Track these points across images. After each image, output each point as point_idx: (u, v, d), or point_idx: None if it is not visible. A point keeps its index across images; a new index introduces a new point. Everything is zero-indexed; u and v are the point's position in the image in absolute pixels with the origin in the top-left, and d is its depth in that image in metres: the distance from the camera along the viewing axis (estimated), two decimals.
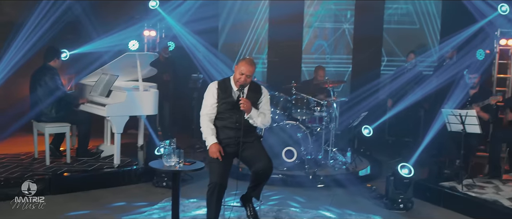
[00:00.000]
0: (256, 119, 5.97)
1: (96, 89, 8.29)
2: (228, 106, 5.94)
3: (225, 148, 5.94)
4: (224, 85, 6.03)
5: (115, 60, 8.17)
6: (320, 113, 8.76)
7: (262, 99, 6.13)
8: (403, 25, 11.48)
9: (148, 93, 8.14)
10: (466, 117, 7.40)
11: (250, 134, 6.07)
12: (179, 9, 10.99)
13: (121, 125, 7.89)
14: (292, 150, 8.34)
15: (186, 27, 10.92)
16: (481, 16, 10.33)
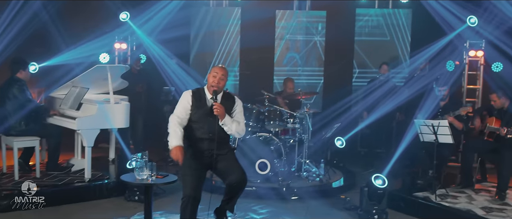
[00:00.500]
0: (231, 125, 5.93)
1: (66, 102, 8.15)
2: (202, 115, 5.90)
3: (199, 160, 5.88)
4: (198, 94, 6.01)
5: (85, 72, 8.06)
6: (293, 124, 8.74)
7: (236, 109, 6.11)
8: (374, 37, 11.53)
9: (119, 106, 8.03)
10: (438, 127, 7.45)
11: (223, 145, 6.03)
12: (150, 22, 10.92)
13: (91, 138, 7.75)
14: (265, 162, 8.29)
15: (157, 38, 10.84)
16: (450, 28, 10.48)
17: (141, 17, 10.92)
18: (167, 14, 11.01)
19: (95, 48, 10.22)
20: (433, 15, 10.62)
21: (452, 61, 10.41)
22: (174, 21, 11.06)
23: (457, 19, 10.44)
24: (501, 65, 10.36)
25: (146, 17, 10.94)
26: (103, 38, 10.41)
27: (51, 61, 9.63)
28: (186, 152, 5.92)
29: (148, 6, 10.97)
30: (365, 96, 10.27)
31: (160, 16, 10.96)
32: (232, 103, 6.12)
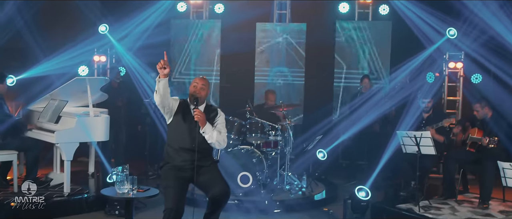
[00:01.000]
0: (212, 133, 5.85)
1: (45, 115, 8.02)
2: (184, 125, 5.83)
3: (180, 172, 5.80)
4: (184, 103, 5.96)
5: (64, 85, 7.94)
6: (274, 136, 8.69)
7: (218, 120, 6.05)
8: (354, 49, 11.53)
9: (99, 119, 7.91)
10: (421, 138, 7.44)
11: (206, 157, 5.95)
12: (130, 35, 10.83)
13: (71, 151, 7.61)
14: (247, 175, 8.21)
15: (136, 52, 10.76)
16: (429, 42, 10.54)
17: (121, 30, 10.83)
18: (146, 27, 10.96)
19: (74, 60, 10.08)
20: (412, 28, 10.69)
21: (432, 73, 10.48)
22: (154, 34, 11.02)
23: (436, 32, 10.52)
24: (480, 77, 10.45)
25: (126, 30, 10.86)
26: (82, 50, 10.27)
27: (29, 73, 9.48)
28: (167, 164, 5.85)
29: (129, 19, 10.88)
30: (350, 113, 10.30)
31: (140, 30, 10.89)
32: (214, 115, 6.06)
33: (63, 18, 10.97)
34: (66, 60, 9.98)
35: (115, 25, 10.80)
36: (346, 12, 11.54)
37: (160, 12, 11.24)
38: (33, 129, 7.98)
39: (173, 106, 5.84)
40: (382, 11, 11.40)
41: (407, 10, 10.86)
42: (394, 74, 10.82)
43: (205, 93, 5.95)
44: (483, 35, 10.02)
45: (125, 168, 5.85)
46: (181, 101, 5.96)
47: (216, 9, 11.84)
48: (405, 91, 10.15)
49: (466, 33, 10.28)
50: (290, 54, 11.62)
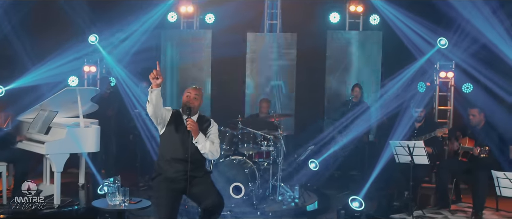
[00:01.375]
0: (204, 143, 5.78)
1: (34, 126, 7.91)
2: (177, 136, 5.76)
3: (173, 184, 5.72)
4: (177, 114, 5.89)
5: (54, 95, 7.84)
6: (267, 147, 8.63)
7: (211, 130, 5.98)
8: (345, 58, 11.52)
9: (90, 130, 7.82)
10: (414, 148, 7.42)
11: (199, 168, 5.87)
12: (120, 47, 10.74)
13: (61, 163, 7.51)
14: (239, 186, 8.13)
15: (127, 63, 10.69)
16: (419, 53, 10.55)
17: (111, 41, 10.75)
18: (137, 39, 10.88)
19: (63, 68, 9.98)
20: (403, 39, 10.71)
21: (423, 82, 10.48)
22: (145, 45, 10.96)
23: (427, 43, 10.54)
24: (471, 86, 10.47)
25: (116, 41, 10.78)
26: (72, 57, 10.17)
27: (18, 83, 9.35)
28: (159, 175, 5.78)
29: (119, 29, 10.81)
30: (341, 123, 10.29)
31: (130, 42, 10.82)
32: (207, 126, 6.00)
33: (52, 23, 10.82)
34: (56, 68, 9.85)
35: (105, 33, 10.72)
36: (336, 22, 11.56)
37: (150, 22, 11.18)
38: (23, 140, 7.88)
39: (166, 117, 5.77)
40: (372, 21, 11.41)
41: (397, 20, 10.88)
42: (387, 86, 10.79)
43: (198, 103, 5.89)
44: (474, 45, 10.06)
45: (117, 179, 5.79)
46: (173, 111, 5.90)
47: (206, 19, 11.81)
48: (397, 100, 10.16)
49: (457, 43, 10.31)
50: (280, 65, 11.59)
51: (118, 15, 10.81)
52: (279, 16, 11.76)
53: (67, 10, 10.68)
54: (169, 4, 11.47)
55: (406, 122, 8.47)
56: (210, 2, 11.82)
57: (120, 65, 10.61)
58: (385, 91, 10.62)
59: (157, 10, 11.27)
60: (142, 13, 11.05)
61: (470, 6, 9.85)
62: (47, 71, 9.73)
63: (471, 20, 9.91)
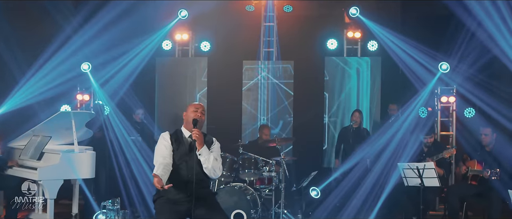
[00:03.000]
0: (208, 156, 5.51)
1: (26, 152, 7.57)
2: (181, 156, 5.50)
3: (176, 206, 5.40)
4: (175, 136, 5.65)
5: (47, 119, 7.52)
6: (269, 172, 8.32)
7: (214, 148, 5.75)
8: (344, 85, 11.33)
9: (84, 155, 7.50)
10: (423, 170, 7.15)
11: (203, 188, 5.57)
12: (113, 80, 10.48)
13: (54, 189, 7.16)
14: (241, 213, 7.79)
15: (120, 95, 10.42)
16: (417, 79, 10.36)
17: (105, 72, 10.45)
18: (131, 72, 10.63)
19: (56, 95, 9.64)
20: (400, 65, 10.54)
21: (425, 107, 10.27)
22: (139, 74, 10.71)
23: (426, 69, 10.35)
24: (473, 111, 10.25)
25: (109, 73, 10.48)
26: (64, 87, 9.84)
27: (7, 105, 8.96)
28: (162, 197, 5.45)
29: (112, 59, 10.54)
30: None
31: (124, 75, 10.56)
32: (210, 143, 5.75)
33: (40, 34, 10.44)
34: (48, 83, 9.49)
35: (97, 62, 10.43)
36: (334, 48, 11.39)
37: (145, 52, 10.93)
38: (14, 166, 7.52)
39: (170, 150, 5.54)
40: (370, 47, 11.25)
41: (395, 46, 10.72)
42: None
43: (204, 118, 5.71)
44: (475, 65, 9.88)
45: (116, 202, 5.43)
46: (172, 134, 5.67)
47: (202, 46, 11.61)
48: (396, 126, 9.92)
49: (456, 68, 10.14)
50: (277, 92, 11.37)
51: (112, 43, 10.54)
52: (276, 44, 11.57)
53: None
54: (164, 32, 11.25)
55: (411, 145, 8.22)
56: (205, 29, 11.66)
57: (112, 102, 10.24)
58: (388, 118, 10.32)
59: (152, 38, 11.05)
60: (137, 41, 10.81)
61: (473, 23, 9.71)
62: (39, 88, 9.36)
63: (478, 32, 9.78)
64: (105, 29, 10.11)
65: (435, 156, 7.82)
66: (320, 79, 11.39)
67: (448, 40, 10.24)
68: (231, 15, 11.52)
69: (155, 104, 11.42)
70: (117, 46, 10.50)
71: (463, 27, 9.85)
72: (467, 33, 9.88)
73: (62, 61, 9.70)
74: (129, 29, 10.47)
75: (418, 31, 10.67)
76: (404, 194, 7.82)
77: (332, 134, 11.09)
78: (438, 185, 7.26)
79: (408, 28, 10.85)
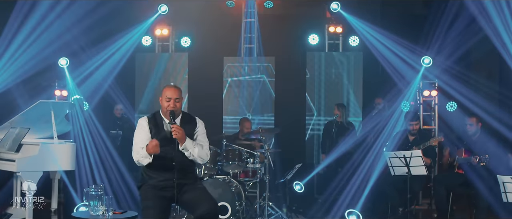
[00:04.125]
0: (193, 150, 5.32)
1: (4, 144, 7.32)
2: (162, 143, 5.23)
3: (161, 192, 5.23)
4: (154, 120, 5.40)
5: (26, 110, 7.28)
6: (253, 164, 8.17)
7: (198, 130, 5.52)
8: (326, 81, 11.24)
9: (65, 146, 7.29)
10: (410, 158, 7.08)
11: (188, 174, 5.40)
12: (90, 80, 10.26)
13: (34, 181, 6.89)
14: (226, 206, 7.64)
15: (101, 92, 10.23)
16: (399, 77, 10.32)
17: (82, 69, 10.22)
18: (111, 69, 10.44)
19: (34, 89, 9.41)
20: (381, 61, 10.50)
21: (407, 101, 10.23)
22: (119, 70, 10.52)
23: (406, 64, 10.33)
24: (455, 105, 10.25)
25: (87, 70, 10.26)
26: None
27: None
28: (146, 183, 5.28)
29: (90, 56, 10.34)
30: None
31: (103, 73, 10.36)
32: (193, 126, 5.52)
33: None
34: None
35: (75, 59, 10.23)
36: (316, 43, 11.30)
37: (125, 48, 10.74)
38: None
39: (149, 136, 5.34)
40: (352, 42, 11.20)
41: (376, 41, 10.69)
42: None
43: (180, 105, 5.43)
44: (453, 58, 9.90)
45: (99, 187, 5.25)
46: (150, 118, 5.43)
47: (182, 42, 11.47)
48: (378, 117, 9.88)
49: (436, 62, 10.14)
50: (258, 88, 11.26)
51: (90, 39, 10.36)
52: (257, 40, 11.45)
53: None
54: (144, 28, 11.08)
55: (399, 134, 8.17)
56: (185, 25, 11.52)
57: (91, 98, 10.03)
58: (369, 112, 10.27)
59: (132, 34, 10.87)
60: (116, 37, 10.61)
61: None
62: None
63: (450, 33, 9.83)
64: (84, 24, 9.92)
65: (421, 144, 7.76)
66: (302, 75, 11.29)
67: (427, 33, 10.26)
68: (212, 11, 11.38)
69: (134, 101, 11.20)
70: (96, 42, 10.32)
71: (441, 19, 9.92)
72: (444, 24, 9.94)
73: (37, 53, 9.48)
74: (108, 24, 10.34)
75: (398, 26, 10.64)
76: (389, 185, 7.73)
77: (315, 128, 10.99)
78: (425, 174, 7.21)
79: (388, 22, 10.81)
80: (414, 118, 8.15)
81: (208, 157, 5.51)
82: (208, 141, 5.59)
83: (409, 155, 7.12)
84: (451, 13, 9.88)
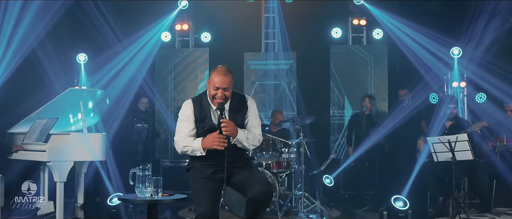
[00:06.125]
0: (245, 142, 4.95)
1: (31, 135, 7.03)
2: (208, 129, 4.90)
3: (212, 174, 4.91)
4: (200, 104, 4.98)
5: (54, 99, 7.00)
6: (288, 154, 7.88)
7: (249, 113, 5.09)
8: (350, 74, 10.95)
9: (96, 136, 7.03)
10: (456, 142, 6.80)
11: (239, 156, 5.04)
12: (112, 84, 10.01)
13: (65, 172, 6.63)
14: None
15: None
16: (424, 66, 10.07)
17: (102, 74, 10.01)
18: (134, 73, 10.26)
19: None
20: (407, 54, 10.25)
21: (435, 93, 9.99)
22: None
23: (436, 58, 10.08)
24: (484, 96, 9.97)
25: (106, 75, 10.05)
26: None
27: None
28: (195, 165, 4.97)
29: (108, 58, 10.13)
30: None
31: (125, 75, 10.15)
32: (244, 110, 5.07)
33: None
34: None
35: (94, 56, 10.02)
36: (339, 37, 11.05)
37: (148, 46, 10.61)
38: (20, 151, 6.98)
39: (193, 122, 4.97)
40: (376, 35, 10.94)
41: (401, 33, 10.46)
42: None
43: (230, 93, 4.94)
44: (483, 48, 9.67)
45: (147, 168, 4.93)
46: (194, 103, 5.00)
47: (202, 38, 11.22)
48: (406, 109, 9.60)
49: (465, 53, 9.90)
50: (281, 83, 11.00)
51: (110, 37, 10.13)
52: (278, 35, 11.18)
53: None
54: (166, 24, 10.88)
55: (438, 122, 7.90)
56: (205, 20, 11.29)
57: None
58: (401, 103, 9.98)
59: (153, 31, 10.72)
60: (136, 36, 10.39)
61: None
62: None
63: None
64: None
65: (463, 130, 7.47)
66: (325, 69, 11.02)
67: (454, 24, 10.03)
68: (232, 6, 11.17)
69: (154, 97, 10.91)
70: (117, 40, 10.12)
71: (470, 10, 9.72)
72: (474, 15, 9.72)
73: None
74: (130, 22, 10.17)
75: (426, 17, 10.39)
76: (429, 174, 7.47)
77: (339, 123, 10.73)
78: (472, 158, 6.92)
79: (414, 13, 10.54)
80: (452, 100, 7.85)
81: (259, 141, 5.11)
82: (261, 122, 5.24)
83: (454, 139, 6.84)
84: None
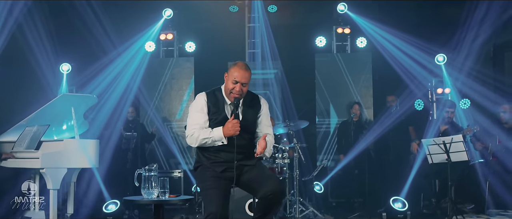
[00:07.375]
0: (269, 152, 4.97)
1: (20, 143, 6.82)
2: (221, 123, 4.85)
3: (220, 173, 4.83)
4: (214, 98, 4.94)
5: (46, 105, 6.84)
6: (282, 159, 7.82)
7: (262, 113, 5.07)
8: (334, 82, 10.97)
9: (90, 142, 6.87)
10: (451, 143, 6.85)
11: (248, 156, 4.97)
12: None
13: (58, 178, 6.46)
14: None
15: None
16: (410, 76, 10.16)
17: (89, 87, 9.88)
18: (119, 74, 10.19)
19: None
20: (390, 61, 10.32)
21: (421, 100, 10.06)
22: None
23: (419, 64, 10.19)
24: (468, 102, 10.07)
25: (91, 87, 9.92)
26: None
27: None
28: (204, 163, 4.88)
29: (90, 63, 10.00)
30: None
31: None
32: (257, 109, 5.06)
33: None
34: None
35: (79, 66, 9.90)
36: (323, 46, 11.09)
37: (131, 55, 10.52)
38: (9, 158, 6.78)
39: (206, 115, 4.91)
40: (359, 44, 11.00)
41: (385, 41, 10.55)
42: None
43: (247, 89, 4.93)
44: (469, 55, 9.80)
45: (152, 169, 4.84)
46: (208, 96, 4.95)
47: (187, 47, 11.14)
48: (392, 116, 9.65)
49: (451, 60, 10.03)
50: (265, 92, 10.96)
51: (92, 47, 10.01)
52: (262, 44, 11.15)
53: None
54: (148, 35, 10.79)
55: (432, 126, 7.97)
56: (190, 30, 11.24)
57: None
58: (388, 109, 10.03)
59: (140, 42, 10.68)
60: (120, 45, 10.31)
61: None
62: None
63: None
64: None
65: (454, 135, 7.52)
66: (310, 77, 11.02)
67: (438, 32, 10.16)
68: (216, 16, 11.14)
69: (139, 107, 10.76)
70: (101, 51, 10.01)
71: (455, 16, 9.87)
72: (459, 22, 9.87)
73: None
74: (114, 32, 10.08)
75: (410, 26, 10.50)
76: (421, 176, 7.50)
77: (325, 131, 10.73)
78: (467, 159, 6.97)
79: (398, 22, 10.64)
80: (452, 105, 7.92)
81: (273, 143, 5.14)
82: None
83: (449, 141, 6.88)
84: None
